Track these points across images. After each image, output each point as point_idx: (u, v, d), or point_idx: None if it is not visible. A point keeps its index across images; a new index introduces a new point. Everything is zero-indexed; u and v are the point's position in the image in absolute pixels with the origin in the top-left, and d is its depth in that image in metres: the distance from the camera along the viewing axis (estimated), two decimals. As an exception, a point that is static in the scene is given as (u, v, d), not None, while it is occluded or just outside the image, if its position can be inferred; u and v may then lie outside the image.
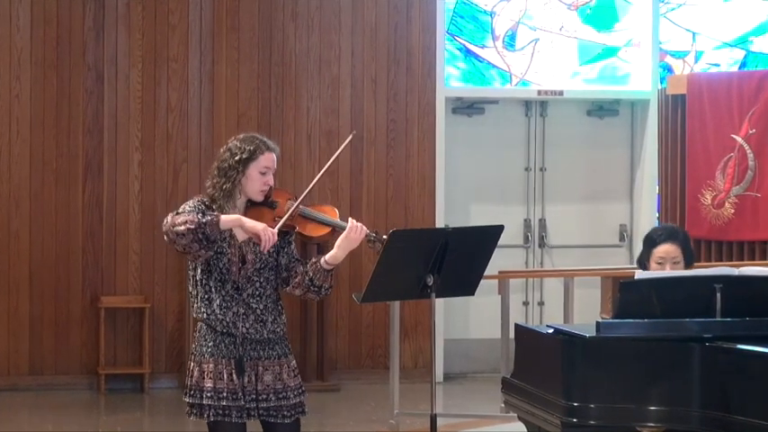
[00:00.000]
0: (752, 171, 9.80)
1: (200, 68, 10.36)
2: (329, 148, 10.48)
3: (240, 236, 5.17)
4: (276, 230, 5.05)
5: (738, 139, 9.86)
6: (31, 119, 10.12)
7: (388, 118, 10.61)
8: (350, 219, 5.20)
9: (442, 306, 10.30)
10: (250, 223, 5.05)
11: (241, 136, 5.28)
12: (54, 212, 10.16)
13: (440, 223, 10.51)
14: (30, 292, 10.12)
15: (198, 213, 5.03)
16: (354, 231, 5.13)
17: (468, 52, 10.96)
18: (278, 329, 5.23)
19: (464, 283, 5.45)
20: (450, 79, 10.84)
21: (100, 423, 9.24)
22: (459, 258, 5.26)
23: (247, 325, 5.15)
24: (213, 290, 5.15)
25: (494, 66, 10.99)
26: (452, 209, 10.79)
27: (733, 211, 9.89)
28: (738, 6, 11.23)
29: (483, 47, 10.97)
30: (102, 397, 9.95)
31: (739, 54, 11.28)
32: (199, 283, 5.19)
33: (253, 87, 10.42)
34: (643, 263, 5.82)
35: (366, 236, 5.15)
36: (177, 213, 5.08)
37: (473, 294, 5.53)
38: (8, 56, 10.09)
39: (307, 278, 5.18)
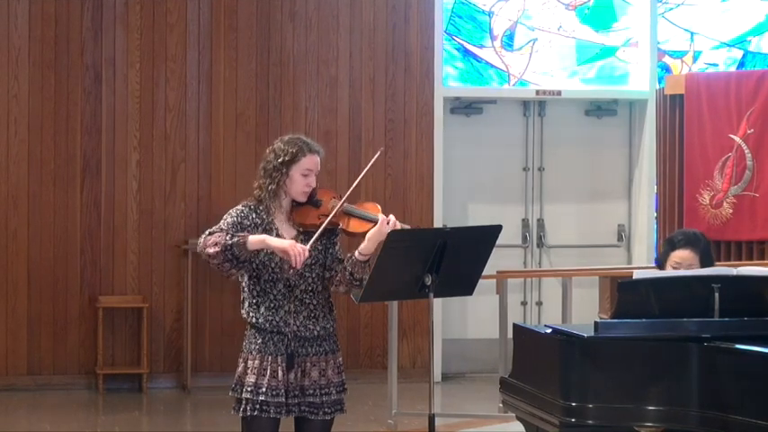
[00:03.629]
0: (750, 171, 9.81)
1: (199, 68, 10.36)
2: (327, 148, 10.40)
3: (287, 234, 5.22)
4: (309, 246, 5.08)
5: (736, 138, 9.86)
6: (29, 119, 10.12)
7: (386, 118, 10.61)
8: (381, 215, 5.23)
9: (440, 306, 10.30)
10: (275, 242, 5.09)
11: (286, 138, 5.33)
12: (52, 212, 10.15)
13: (438, 223, 10.51)
14: (28, 292, 10.11)
15: (227, 234, 5.07)
16: (385, 226, 5.17)
17: (466, 52, 10.96)
18: (328, 326, 5.29)
19: (462, 283, 5.45)
20: (449, 79, 10.84)
21: (98, 423, 9.24)
22: (458, 258, 5.26)
23: (298, 322, 5.20)
24: (263, 292, 5.20)
25: (492, 66, 10.99)
26: (450, 209, 10.79)
27: (731, 210, 9.89)
28: (736, 6, 11.23)
29: (481, 47, 10.97)
30: (101, 397, 9.95)
31: (737, 54, 11.28)
32: (246, 288, 5.25)
33: (251, 87, 10.42)
34: (660, 263, 5.83)
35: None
36: (210, 233, 5.11)
37: (471, 294, 5.53)
38: (6, 55, 10.09)
39: (347, 273, 5.22)
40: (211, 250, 5.05)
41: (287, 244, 5.06)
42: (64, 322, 10.16)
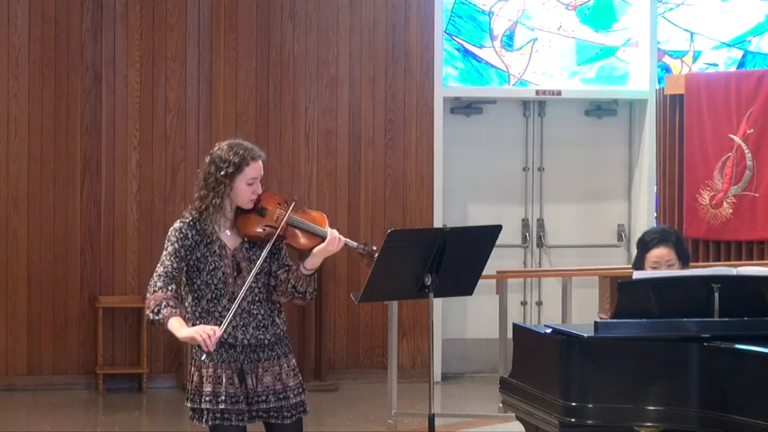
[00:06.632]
0: (750, 171, 9.81)
1: (199, 68, 10.36)
2: (327, 148, 10.49)
3: (231, 244, 5.16)
4: (221, 328, 4.99)
5: (736, 138, 9.86)
6: (29, 119, 10.12)
7: (386, 118, 10.61)
8: (329, 230, 5.11)
9: (440, 306, 10.30)
10: (182, 334, 5.02)
11: (224, 146, 5.16)
12: (52, 212, 10.15)
13: (438, 223, 10.51)
14: (28, 292, 10.11)
15: (156, 306, 5.03)
16: (332, 244, 5.08)
17: (466, 52, 10.96)
18: (278, 331, 5.22)
19: (462, 283, 5.45)
20: (449, 79, 10.84)
21: (98, 423, 9.24)
22: (458, 258, 5.27)
23: (248, 335, 5.15)
24: (206, 312, 5.14)
25: (492, 65, 10.99)
26: (450, 209, 10.79)
27: (731, 210, 9.89)
28: (736, 6, 11.23)
29: (481, 47, 10.97)
30: (101, 397, 9.95)
31: (737, 54, 11.28)
32: (189, 309, 5.19)
33: (251, 87, 10.42)
34: (638, 267, 5.81)
35: (351, 247, 5.12)
36: (153, 290, 5.07)
37: (471, 294, 5.54)
38: (6, 56, 10.09)
39: (289, 285, 5.13)
40: (147, 312, 5.10)
41: (192, 332, 4.98)
42: (64, 322, 10.16)
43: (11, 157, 10.10)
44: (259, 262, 5.10)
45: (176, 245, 5.11)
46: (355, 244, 5.16)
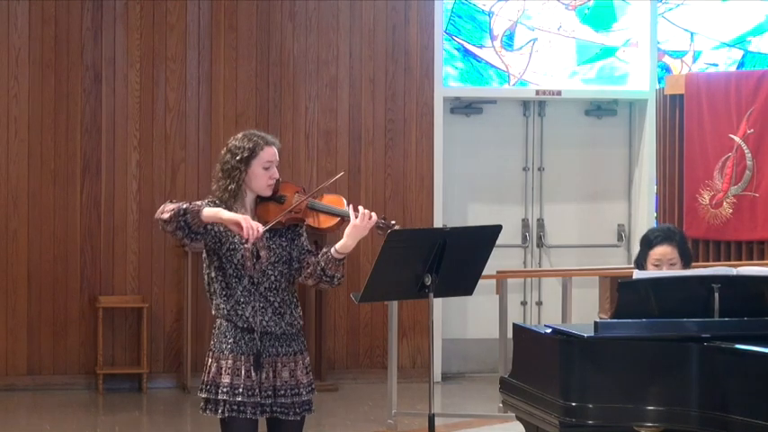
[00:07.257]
0: (750, 171, 9.81)
1: (199, 68, 10.36)
2: (327, 148, 10.49)
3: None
4: (264, 228, 5.03)
5: (736, 138, 9.86)
6: (29, 119, 10.12)
7: (386, 118, 10.61)
8: (359, 207, 5.17)
9: (440, 306, 10.30)
10: (228, 215, 5.04)
11: (239, 135, 5.27)
12: (52, 212, 10.16)
13: (438, 223, 10.51)
14: (28, 292, 10.11)
15: (184, 202, 5.05)
16: (363, 219, 5.13)
17: (466, 52, 10.96)
18: (294, 322, 5.24)
19: (462, 283, 5.45)
20: (449, 79, 10.84)
21: (98, 423, 9.24)
22: (458, 258, 5.27)
23: (266, 318, 5.17)
24: (229, 287, 5.17)
25: (492, 66, 10.99)
26: (450, 209, 10.79)
27: (731, 210, 9.89)
28: (736, 6, 11.23)
29: (481, 47, 10.97)
30: (101, 397, 9.95)
31: (737, 54, 11.28)
32: (215, 281, 5.21)
33: (251, 87, 10.42)
34: (640, 264, 5.81)
35: (375, 223, 5.15)
36: (170, 201, 5.13)
37: (471, 294, 5.53)
38: (6, 56, 10.09)
39: (318, 268, 5.17)
40: (166, 216, 5.02)
41: (240, 217, 5.01)
42: (64, 322, 10.16)
43: (11, 157, 10.10)
44: (271, 224, 5.10)
45: (198, 203, 5.16)
46: (380, 220, 5.20)
